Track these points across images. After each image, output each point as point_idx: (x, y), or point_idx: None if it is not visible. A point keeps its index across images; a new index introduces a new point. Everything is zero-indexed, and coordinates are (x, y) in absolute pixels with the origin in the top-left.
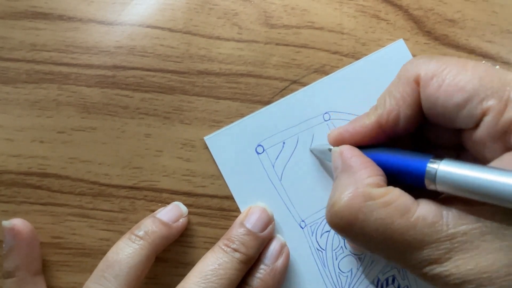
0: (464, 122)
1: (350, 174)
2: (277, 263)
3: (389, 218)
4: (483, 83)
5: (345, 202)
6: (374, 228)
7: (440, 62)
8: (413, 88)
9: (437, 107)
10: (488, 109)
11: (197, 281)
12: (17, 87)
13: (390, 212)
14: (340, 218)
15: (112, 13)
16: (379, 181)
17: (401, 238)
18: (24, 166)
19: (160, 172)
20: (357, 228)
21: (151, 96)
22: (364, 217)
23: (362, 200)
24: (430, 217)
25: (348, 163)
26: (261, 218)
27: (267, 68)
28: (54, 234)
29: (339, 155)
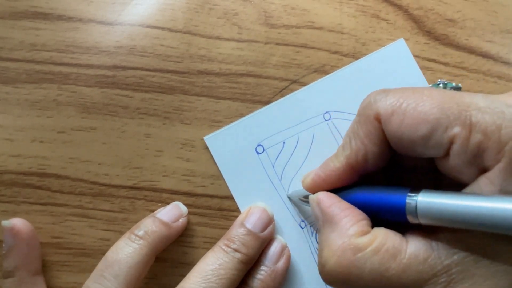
0: (433, 152)
1: (333, 227)
2: (277, 265)
3: (382, 266)
4: (443, 111)
5: (335, 261)
6: (370, 279)
7: (397, 95)
8: (375, 126)
9: (403, 142)
10: (454, 136)
11: (198, 281)
12: (17, 87)
13: (382, 259)
14: (334, 277)
15: (112, 13)
16: (363, 226)
17: (399, 282)
18: (24, 166)
19: (160, 172)
20: (353, 283)
21: (151, 96)
22: (357, 271)
23: (351, 253)
24: (422, 253)
25: (328, 213)
26: (261, 218)
27: (267, 68)
28: (54, 234)
29: (317, 204)
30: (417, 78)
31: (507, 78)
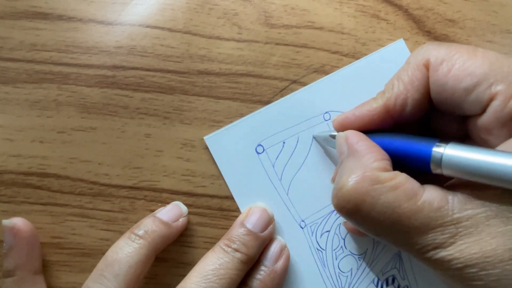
0: (471, 107)
1: (357, 158)
2: (277, 265)
3: (396, 202)
4: (493, 69)
5: (353, 185)
6: (381, 211)
7: (450, 48)
8: (422, 72)
9: (446, 92)
10: (496, 94)
11: (198, 281)
12: (17, 87)
13: (398, 196)
14: (347, 201)
15: (112, 13)
16: (385, 165)
17: (408, 221)
18: (24, 166)
19: (160, 172)
20: (364, 211)
21: (151, 96)
22: (371, 200)
23: (369, 183)
24: (436, 201)
25: (354, 148)
26: (261, 218)
27: (267, 68)
28: (54, 234)
29: (344, 140)
30: None
31: None
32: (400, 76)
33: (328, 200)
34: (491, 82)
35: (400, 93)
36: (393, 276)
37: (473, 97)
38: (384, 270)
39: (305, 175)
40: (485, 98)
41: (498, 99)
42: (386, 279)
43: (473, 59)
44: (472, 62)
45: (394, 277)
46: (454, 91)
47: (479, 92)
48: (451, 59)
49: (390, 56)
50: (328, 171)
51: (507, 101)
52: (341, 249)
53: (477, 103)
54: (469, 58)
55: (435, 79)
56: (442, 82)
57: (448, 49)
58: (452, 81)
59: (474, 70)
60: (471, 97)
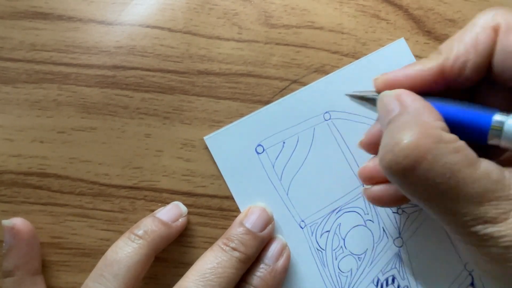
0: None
1: (414, 115)
2: (277, 264)
3: (457, 165)
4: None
5: (415, 140)
6: (440, 173)
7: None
8: (489, 35)
9: None
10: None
11: (196, 280)
12: (17, 87)
13: (460, 160)
14: (404, 157)
15: (112, 13)
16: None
17: (464, 189)
18: (24, 166)
19: (160, 172)
20: (421, 171)
21: (151, 96)
22: (433, 159)
23: (433, 141)
24: (494, 174)
25: (410, 106)
26: (260, 217)
27: (267, 68)
28: (54, 234)
29: (395, 98)
30: None
31: None
32: (461, 37)
33: (328, 200)
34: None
35: (461, 55)
36: (393, 276)
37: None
38: (384, 270)
39: (305, 175)
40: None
41: None
42: (386, 279)
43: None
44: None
45: (394, 277)
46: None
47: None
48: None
49: (390, 56)
50: (329, 171)
51: None
52: (341, 249)
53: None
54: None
55: (504, 45)
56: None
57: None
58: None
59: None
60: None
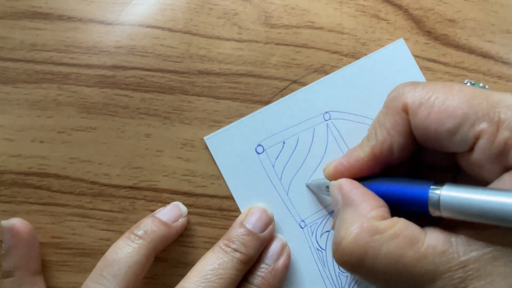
0: (458, 146)
1: (353, 209)
2: (278, 263)
3: (399, 251)
4: (472, 106)
5: (352, 239)
6: (384, 263)
7: (426, 88)
8: (402, 117)
9: (429, 134)
10: (481, 132)
11: (197, 281)
12: (17, 87)
13: (400, 244)
14: (349, 256)
15: (112, 13)
16: (383, 212)
17: (413, 270)
18: (24, 166)
19: (160, 172)
20: (367, 264)
21: (151, 96)
22: (373, 252)
23: (369, 234)
24: (440, 245)
25: (349, 197)
26: (261, 218)
27: (267, 68)
28: (54, 234)
29: (338, 189)
30: (417, 78)
31: (507, 78)
32: (381, 122)
33: (328, 200)
34: (473, 121)
35: (385, 140)
36: None
37: (458, 137)
38: None
39: (305, 175)
40: (470, 137)
41: (483, 138)
42: None
43: (450, 98)
44: (450, 102)
45: None
46: (437, 133)
47: (463, 132)
48: (429, 101)
49: (390, 56)
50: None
51: (493, 138)
52: None
53: (463, 143)
54: (446, 98)
55: (416, 123)
56: (424, 126)
57: (423, 90)
58: (434, 124)
59: (453, 110)
60: (456, 137)
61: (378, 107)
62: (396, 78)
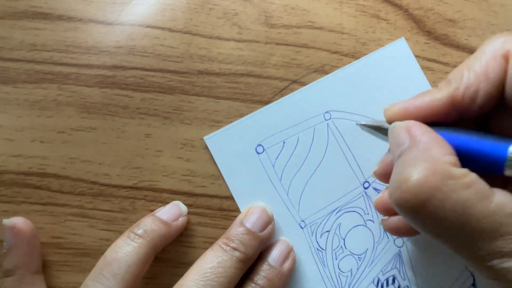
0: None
1: (423, 150)
2: (284, 266)
3: (469, 201)
4: None
5: (422, 178)
6: (451, 210)
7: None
8: (499, 63)
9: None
10: None
11: (196, 279)
12: (17, 87)
13: (471, 195)
14: (413, 195)
15: (112, 13)
16: (455, 160)
17: (478, 224)
18: (24, 166)
19: (160, 172)
20: (432, 208)
21: (151, 96)
22: (442, 197)
23: (442, 177)
24: (508, 207)
25: (420, 139)
26: (260, 217)
27: (267, 68)
28: (54, 234)
29: (404, 130)
30: (418, 77)
31: None
32: (471, 66)
33: (328, 200)
34: None
35: (471, 85)
36: (393, 276)
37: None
38: (384, 270)
39: (305, 175)
40: None
41: None
42: (386, 279)
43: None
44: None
45: (395, 277)
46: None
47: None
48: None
49: (391, 56)
50: (329, 171)
51: None
52: (341, 249)
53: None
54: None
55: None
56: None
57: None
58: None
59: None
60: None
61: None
62: (397, 78)
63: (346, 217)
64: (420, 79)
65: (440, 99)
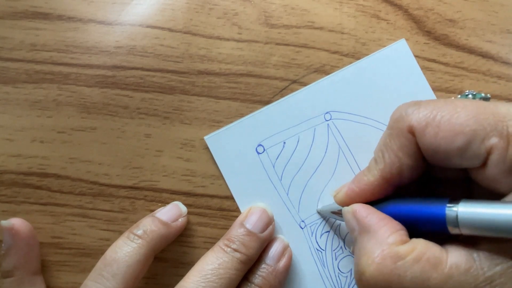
0: (470, 162)
1: (370, 236)
2: (279, 264)
3: (424, 274)
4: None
5: (375, 268)
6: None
7: (429, 107)
8: (409, 139)
9: (439, 154)
10: (492, 147)
11: (197, 280)
12: (17, 87)
13: (424, 267)
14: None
15: (112, 13)
16: (401, 236)
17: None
18: (24, 166)
19: (160, 172)
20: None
21: (151, 96)
22: (398, 279)
23: (392, 261)
24: (463, 263)
25: (365, 223)
26: (261, 218)
27: (267, 68)
28: (54, 234)
29: (352, 215)
30: (418, 79)
31: (507, 78)
32: (387, 144)
33: (328, 201)
34: (483, 136)
35: (393, 163)
36: None
37: (469, 154)
38: None
39: (305, 176)
40: (482, 153)
41: (495, 152)
42: None
43: (455, 115)
44: (457, 119)
45: None
46: (447, 151)
47: (474, 149)
48: (434, 120)
49: (391, 56)
50: (329, 171)
51: (505, 153)
52: (341, 250)
53: (475, 158)
54: (451, 115)
55: (425, 144)
56: (433, 146)
57: (427, 109)
58: (443, 143)
59: (461, 128)
60: (467, 154)
61: (380, 107)
62: (397, 79)
63: None
64: (420, 80)
65: (373, 181)
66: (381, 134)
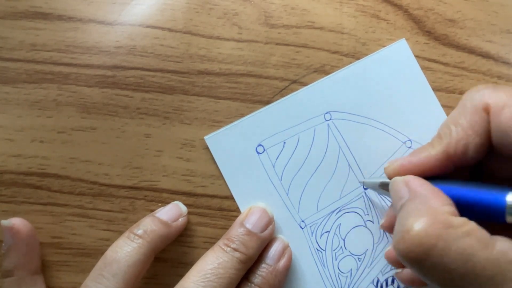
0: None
1: (423, 202)
2: (279, 264)
3: (470, 249)
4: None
5: (424, 228)
6: (454, 259)
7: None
8: (482, 116)
9: (510, 137)
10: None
11: (197, 280)
12: (17, 87)
13: (472, 243)
14: (416, 245)
15: (112, 13)
16: (454, 210)
17: (482, 272)
18: (24, 166)
19: (160, 172)
20: (435, 258)
21: (151, 96)
22: (444, 246)
23: (442, 226)
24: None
25: (419, 191)
26: (261, 218)
27: (267, 68)
28: (54, 234)
29: (404, 184)
30: (418, 78)
31: (507, 78)
32: (457, 120)
33: (328, 201)
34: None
35: (461, 139)
36: (393, 276)
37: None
38: (384, 271)
39: (305, 176)
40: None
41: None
42: (386, 279)
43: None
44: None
45: (394, 277)
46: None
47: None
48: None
49: (391, 56)
50: (329, 171)
51: None
52: (341, 250)
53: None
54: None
55: (498, 124)
56: (505, 127)
57: (506, 93)
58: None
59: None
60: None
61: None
62: (397, 79)
63: (346, 217)
64: (420, 80)
65: (435, 155)
66: (381, 134)
